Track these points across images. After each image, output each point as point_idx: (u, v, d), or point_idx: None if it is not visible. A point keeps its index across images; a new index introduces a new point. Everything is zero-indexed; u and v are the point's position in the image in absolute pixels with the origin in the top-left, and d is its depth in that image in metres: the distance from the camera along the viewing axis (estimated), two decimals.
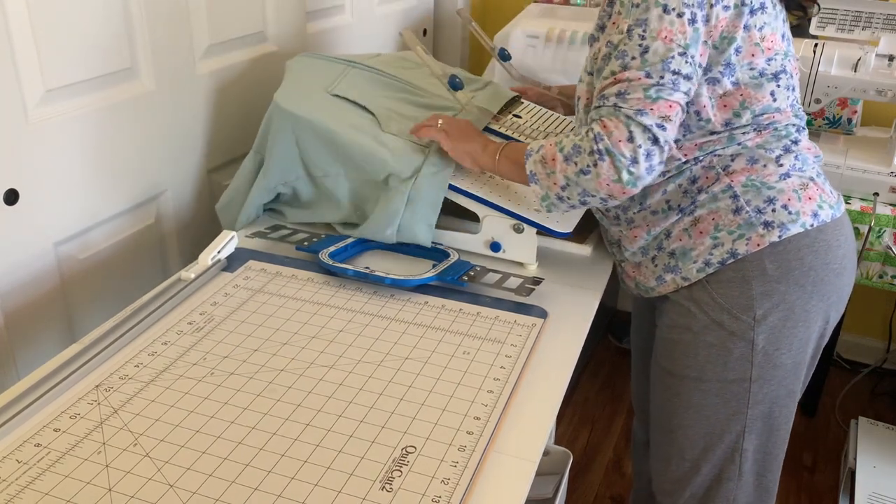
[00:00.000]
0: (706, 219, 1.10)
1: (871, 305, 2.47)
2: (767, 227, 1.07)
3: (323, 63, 1.41)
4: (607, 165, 1.00)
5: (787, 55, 1.10)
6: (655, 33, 0.99)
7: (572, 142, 1.04)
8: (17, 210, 1.09)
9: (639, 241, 1.15)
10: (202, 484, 0.76)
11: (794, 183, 1.09)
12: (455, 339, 1.01)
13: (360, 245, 1.25)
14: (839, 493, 1.95)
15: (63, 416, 0.85)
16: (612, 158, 0.99)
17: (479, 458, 0.80)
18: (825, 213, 1.09)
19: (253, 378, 0.92)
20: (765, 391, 1.13)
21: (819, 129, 2.00)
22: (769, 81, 1.08)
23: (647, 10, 0.99)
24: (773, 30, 1.07)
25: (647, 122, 0.99)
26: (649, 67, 0.99)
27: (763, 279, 1.08)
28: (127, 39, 1.22)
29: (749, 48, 1.05)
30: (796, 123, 1.12)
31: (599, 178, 1.01)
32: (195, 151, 1.42)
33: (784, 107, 1.10)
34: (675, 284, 1.13)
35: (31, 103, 1.08)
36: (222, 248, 1.17)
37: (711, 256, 1.09)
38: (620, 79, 1.00)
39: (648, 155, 0.99)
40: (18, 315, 1.13)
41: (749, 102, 1.08)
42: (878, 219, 1.69)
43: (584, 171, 1.02)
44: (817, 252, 1.08)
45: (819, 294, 1.09)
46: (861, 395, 2.42)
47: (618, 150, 0.99)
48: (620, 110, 1.00)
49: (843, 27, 1.79)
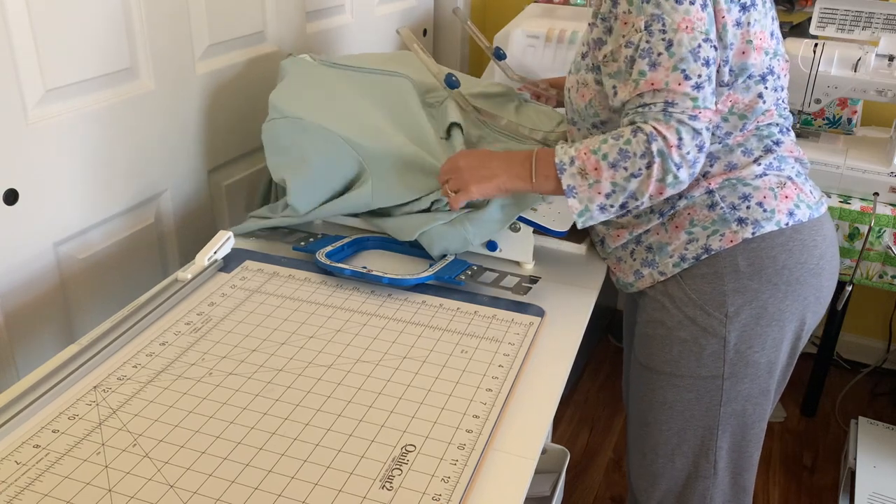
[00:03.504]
0: (682, 213, 1.11)
1: (871, 305, 2.47)
2: (741, 223, 1.08)
3: (324, 70, 1.40)
4: (658, 167, 0.99)
5: (777, 54, 1.10)
6: (676, 25, 0.98)
7: (616, 147, 1.01)
8: (16, 210, 1.09)
9: (621, 240, 1.17)
10: (202, 484, 0.76)
11: (771, 181, 1.09)
12: (453, 338, 1.01)
13: (357, 245, 1.25)
14: (839, 493, 1.95)
15: (62, 417, 0.85)
16: (662, 160, 0.99)
17: (478, 457, 0.81)
18: (802, 213, 1.09)
19: (251, 378, 0.92)
20: (738, 389, 1.14)
21: (819, 129, 2.00)
22: (757, 83, 1.07)
23: (659, 4, 0.99)
24: (763, 27, 1.07)
25: (699, 126, 1.00)
26: (683, 65, 0.99)
27: (735, 276, 1.08)
28: (127, 39, 1.22)
29: (740, 46, 1.05)
30: (780, 123, 1.12)
31: (650, 178, 1.00)
32: (195, 151, 1.42)
33: (769, 107, 1.10)
34: (652, 279, 1.14)
35: (31, 103, 1.08)
36: (219, 248, 1.17)
37: (686, 251, 1.10)
38: (659, 86, 0.99)
39: (695, 162, 1.01)
40: (18, 315, 1.13)
41: (738, 108, 1.08)
42: (878, 219, 1.68)
43: (636, 175, 1.00)
44: (792, 251, 1.08)
45: (794, 294, 1.09)
46: (861, 395, 2.42)
47: (669, 153, 0.99)
48: (672, 116, 1.00)
49: (843, 27, 1.79)
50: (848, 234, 1.72)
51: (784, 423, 2.29)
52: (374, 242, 1.26)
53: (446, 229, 1.16)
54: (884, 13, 1.74)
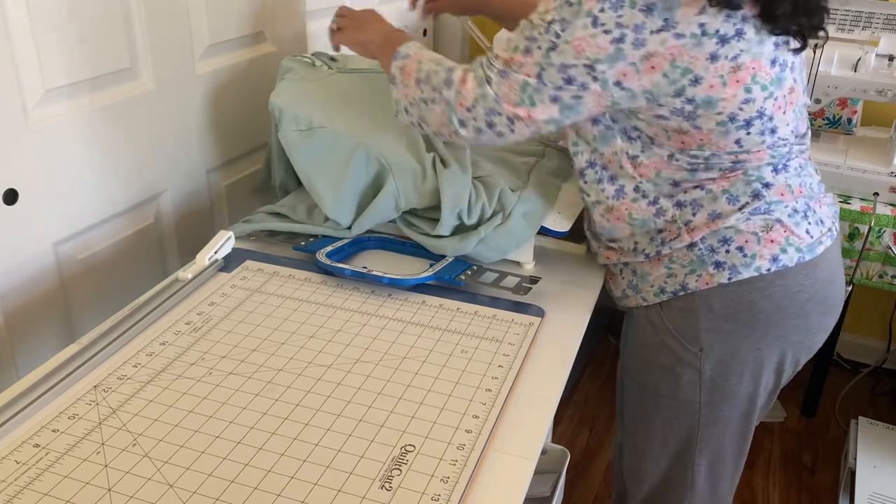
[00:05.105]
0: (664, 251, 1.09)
1: (871, 305, 2.47)
2: (718, 267, 1.04)
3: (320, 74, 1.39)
4: (440, 110, 1.04)
5: (773, 94, 0.97)
6: (571, 38, 0.94)
7: (435, 70, 1.05)
8: (16, 210, 1.09)
9: (610, 261, 1.18)
10: (202, 483, 0.76)
11: (756, 224, 1.02)
12: (453, 339, 1.01)
13: (357, 244, 1.25)
14: (839, 493, 1.95)
15: (62, 417, 0.85)
16: (447, 108, 1.03)
17: (478, 457, 0.81)
18: (788, 257, 1.03)
19: (251, 378, 0.92)
20: (716, 414, 1.13)
21: (819, 129, 2.00)
22: (738, 129, 0.98)
23: (577, 14, 0.93)
24: (756, 56, 0.94)
25: (501, 110, 1.00)
26: (547, 69, 0.96)
27: (710, 316, 1.06)
28: (127, 39, 1.22)
29: (710, 80, 0.94)
30: (773, 163, 1.03)
31: (433, 114, 1.05)
32: (195, 151, 1.42)
33: (754, 149, 1.01)
34: (636, 302, 1.15)
35: (30, 103, 1.08)
36: (219, 248, 1.17)
37: (666, 285, 1.09)
38: (516, 60, 0.98)
39: (478, 131, 1.03)
40: (18, 315, 1.13)
41: (708, 146, 1.00)
42: (878, 219, 1.68)
43: (424, 101, 1.05)
44: (771, 297, 1.04)
45: (773, 335, 1.06)
46: (861, 395, 2.42)
47: (455, 107, 1.03)
48: (490, 83, 1.00)
49: (843, 27, 1.79)
50: (848, 234, 1.72)
51: (784, 423, 2.29)
52: (375, 242, 1.26)
53: (481, 249, 1.17)
54: (884, 13, 1.74)
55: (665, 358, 1.12)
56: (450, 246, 1.17)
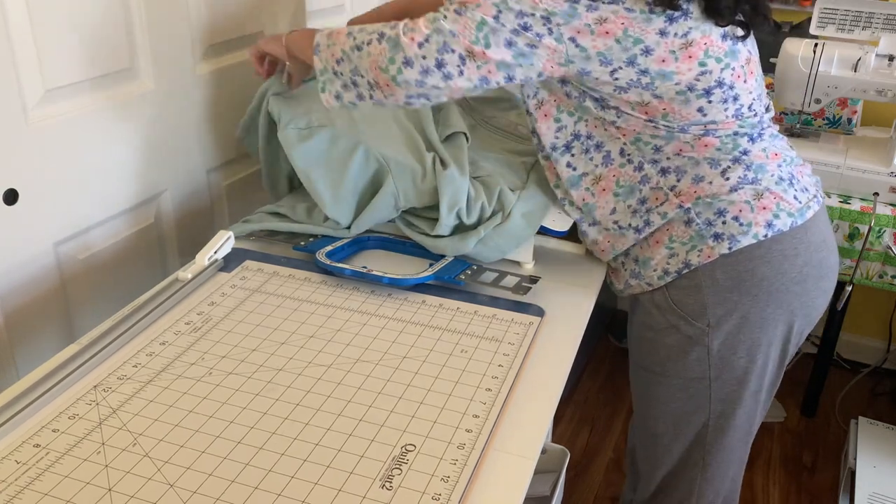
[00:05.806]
0: (661, 230, 1.12)
1: (871, 305, 2.47)
2: (717, 238, 1.07)
3: None
4: (379, 50, 1.00)
5: (729, 65, 1.01)
6: None
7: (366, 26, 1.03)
8: (16, 210, 1.09)
9: (608, 255, 1.19)
10: (202, 483, 0.76)
11: (746, 194, 1.07)
12: (453, 338, 1.01)
13: (357, 244, 1.25)
14: (839, 493, 1.95)
15: (62, 417, 0.85)
16: (390, 47, 1.00)
17: (478, 456, 0.81)
18: (782, 222, 1.07)
19: (251, 377, 0.92)
20: (726, 390, 1.15)
21: (819, 129, 2.00)
22: (699, 97, 1.02)
23: None
24: (705, 32, 0.98)
25: (455, 45, 0.98)
26: (505, 12, 0.96)
27: (715, 289, 1.09)
28: (126, 39, 1.22)
29: (661, 54, 0.98)
30: (743, 132, 1.07)
31: (370, 57, 1.01)
32: (195, 151, 1.42)
33: (721, 119, 1.04)
34: (641, 289, 1.16)
35: (30, 103, 1.08)
36: (219, 248, 1.17)
37: (668, 266, 1.11)
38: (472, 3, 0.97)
39: (423, 72, 0.99)
40: (18, 315, 1.13)
41: (672, 116, 1.04)
42: (878, 219, 1.69)
43: (357, 46, 1.02)
44: (771, 262, 1.07)
45: (776, 302, 1.09)
46: (861, 395, 2.42)
47: (405, 43, 0.99)
48: (446, 20, 0.98)
49: (843, 27, 1.79)
50: (848, 234, 1.72)
51: (784, 423, 2.29)
52: (374, 242, 1.26)
53: (480, 248, 1.18)
54: (884, 13, 1.74)
55: (672, 339, 1.14)
56: (449, 246, 1.18)
